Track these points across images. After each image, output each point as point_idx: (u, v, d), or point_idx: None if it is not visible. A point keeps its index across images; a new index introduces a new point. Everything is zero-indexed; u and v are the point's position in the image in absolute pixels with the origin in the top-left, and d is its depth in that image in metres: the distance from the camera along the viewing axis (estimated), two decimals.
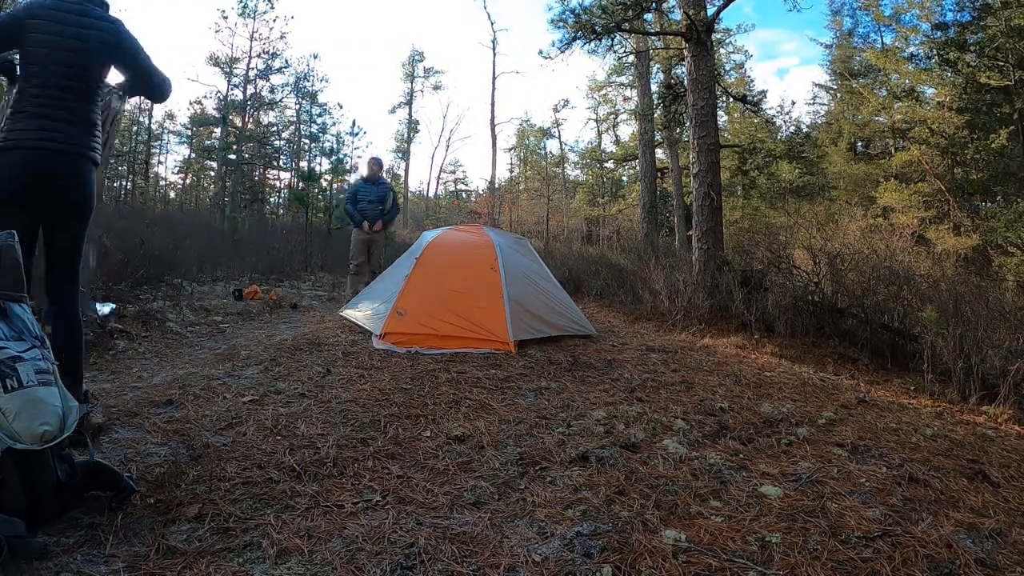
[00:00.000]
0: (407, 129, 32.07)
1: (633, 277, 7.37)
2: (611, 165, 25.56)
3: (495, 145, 25.30)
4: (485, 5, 51.37)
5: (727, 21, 16.81)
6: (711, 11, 6.29)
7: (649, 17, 10.88)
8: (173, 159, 33.62)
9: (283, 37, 21.35)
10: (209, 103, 21.50)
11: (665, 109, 9.38)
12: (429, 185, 35.54)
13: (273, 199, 24.86)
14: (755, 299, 5.18)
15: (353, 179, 17.71)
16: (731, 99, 12.66)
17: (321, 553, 1.49)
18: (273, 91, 22.07)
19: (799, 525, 1.71)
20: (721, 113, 16.92)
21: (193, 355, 3.79)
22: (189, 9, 46.07)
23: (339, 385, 3.07)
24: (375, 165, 6.53)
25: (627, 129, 24.79)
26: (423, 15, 57.90)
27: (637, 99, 14.37)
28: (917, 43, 14.00)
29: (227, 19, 21.24)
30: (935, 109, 12.53)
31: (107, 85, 2.35)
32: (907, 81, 13.69)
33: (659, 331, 5.40)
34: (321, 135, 23.70)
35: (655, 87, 13.14)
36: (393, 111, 32.51)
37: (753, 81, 21.80)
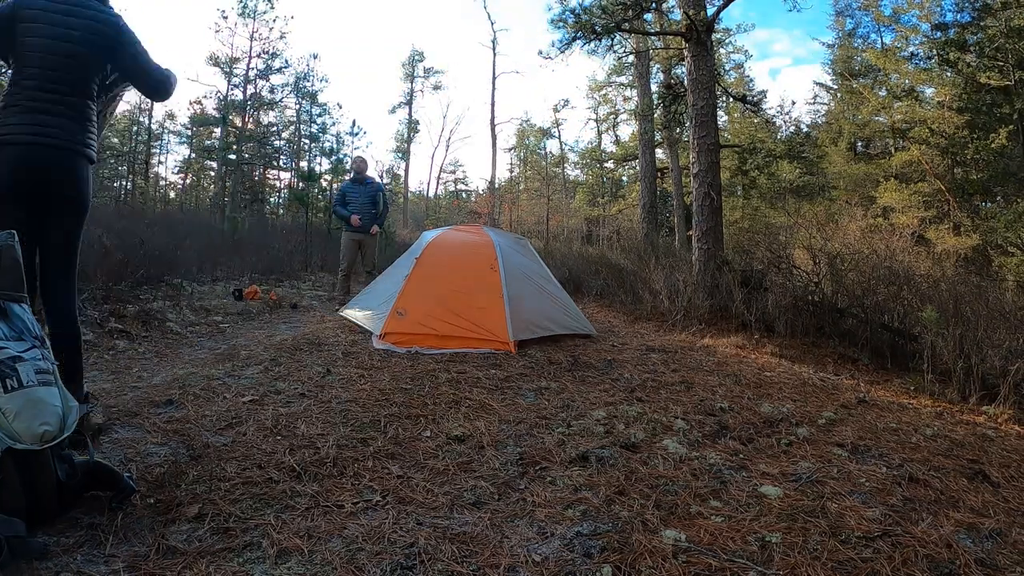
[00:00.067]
0: (407, 129, 32.11)
1: (633, 277, 7.37)
2: (611, 165, 25.57)
3: (495, 145, 25.38)
4: (485, 5, 51.62)
5: (727, 21, 16.84)
6: (711, 11, 6.30)
7: (649, 17, 10.88)
8: (173, 159, 33.68)
9: (283, 37, 21.42)
10: (209, 103, 21.52)
11: (665, 109, 9.38)
12: (429, 185, 35.60)
13: (273, 199, 24.84)
14: (755, 299, 5.18)
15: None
16: (731, 99, 12.66)
17: (321, 553, 1.49)
18: (273, 91, 22.08)
19: (799, 525, 1.71)
20: (721, 113, 16.94)
21: (193, 355, 3.79)
22: (189, 9, 46.10)
23: (339, 385, 3.07)
24: (360, 163, 6.52)
25: (627, 129, 24.84)
26: (423, 15, 58.07)
27: (637, 99, 14.37)
28: (917, 43, 14.03)
29: (227, 19, 21.27)
30: (935, 109, 12.54)
31: (112, 79, 2.31)
32: (907, 81, 13.70)
33: (659, 331, 5.40)
34: (321, 135, 23.71)
35: (655, 87, 13.14)
36: (393, 111, 32.59)
37: (753, 81, 21.85)
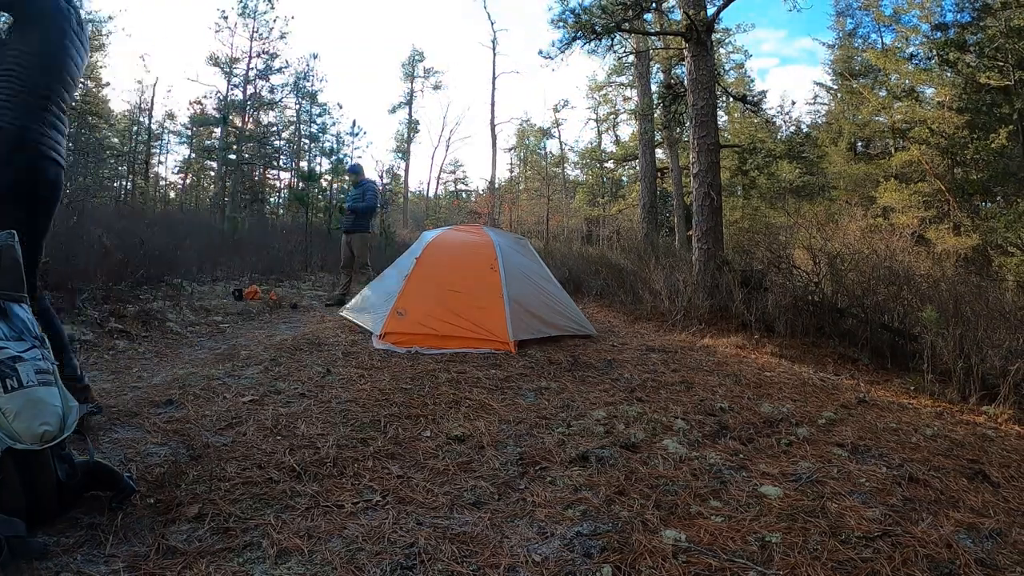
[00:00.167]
0: (407, 129, 32.12)
1: (633, 277, 7.37)
2: (611, 165, 25.57)
3: (495, 145, 25.39)
4: (485, 5, 51.70)
5: (727, 21, 16.83)
6: (711, 11, 6.30)
7: (649, 17, 10.88)
8: (173, 159, 33.67)
9: (283, 37, 21.40)
10: (209, 103, 21.50)
11: (665, 109, 9.37)
12: (429, 185, 35.60)
13: (273, 199, 24.85)
14: (755, 299, 5.18)
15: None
16: (731, 99, 12.66)
17: (321, 553, 1.49)
18: (273, 91, 22.12)
19: (799, 525, 1.71)
20: (721, 113, 16.94)
21: (193, 355, 3.79)
22: (189, 9, 46.11)
23: (339, 385, 3.08)
24: (351, 173, 7.20)
25: (627, 129, 24.85)
26: (423, 15, 58.09)
27: (637, 99, 14.36)
28: (917, 43, 14.03)
29: (227, 19, 21.19)
30: (935, 109, 12.54)
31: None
32: (907, 81, 13.71)
33: (659, 331, 5.40)
34: (321, 135, 23.75)
35: (655, 87, 13.14)
36: (393, 111, 32.60)
37: (753, 81, 21.82)
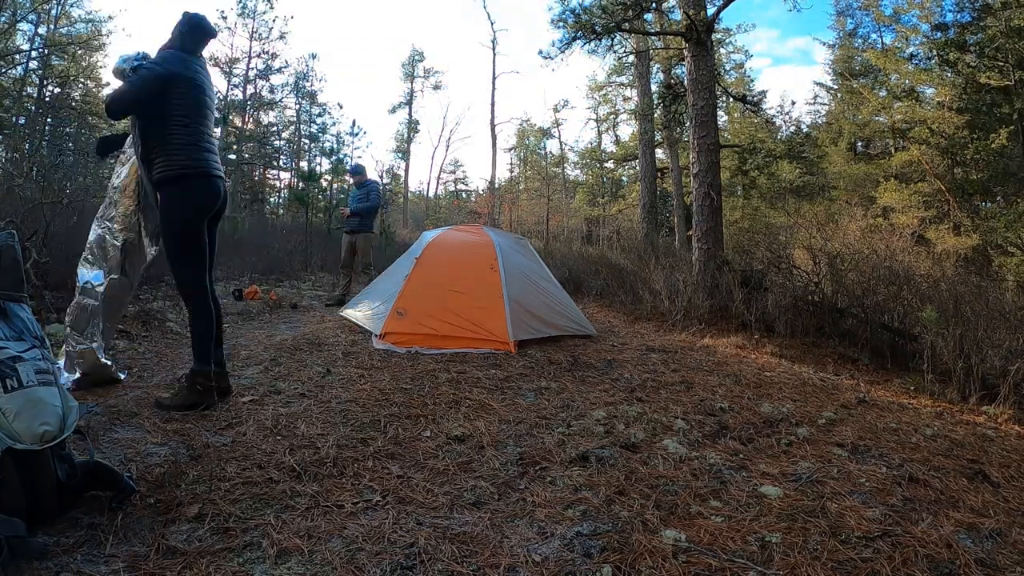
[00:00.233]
0: (407, 129, 32.11)
1: (633, 277, 7.37)
2: (611, 165, 25.56)
3: (495, 145, 25.36)
4: (485, 5, 51.68)
5: (727, 21, 16.83)
6: (711, 11, 6.30)
7: (649, 17, 10.88)
8: None
9: (283, 37, 21.41)
10: None
11: (665, 109, 9.38)
12: (429, 185, 35.57)
13: (273, 199, 24.84)
14: (755, 299, 5.18)
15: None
16: (731, 99, 12.66)
17: (321, 553, 1.49)
18: (273, 91, 22.13)
19: (799, 525, 1.71)
20: (721, 113, 16.94)
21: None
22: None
23: (339, 385, 3.08)
24: (353, 175, 7.15)
25: (627, 129, 24.84)
26: (423, 15, 58.05)
27: (637, 99, 14.36)
28: (917, 43, 14.04)
29: (227, 19, 21.17)
30: (935, 109, 12.54)
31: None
32: (907, 81, 13.71)
33: (659, 331, 5.40)
34: (321, 135, 23.75)
35: (655, 87, 13.13)
36: (393, 111, 32.57)
37: (753, 81, 21.82)
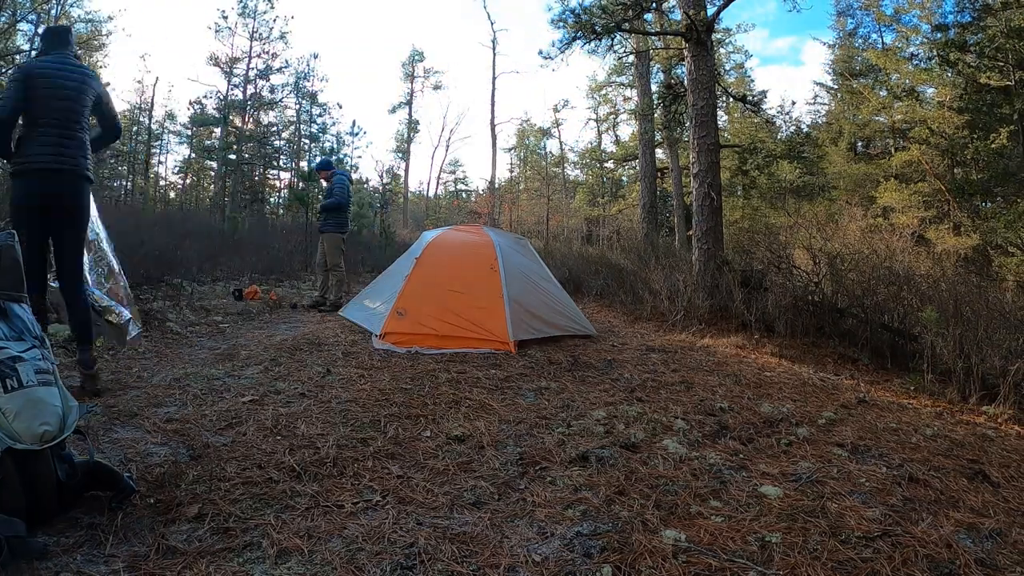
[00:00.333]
0: (407, 129, 32.08)
1: (633, 277, 7.37)
2: (611, 165, 25.52)
3: (495, 145, 25.36)
4: (485, 5, 51.68)
5: (727, 21, 16.80)
6: (711, 11, 6.30)
7: (649, 17, 10.88)
8: (173, 159, 33.50)
9: (283, 37, 21.40)
10: (209, 103, 21.48)
11: (665, 109, 9.38)
12: (429, 185, 35.56)
13: (273, 199, 24.85)
14: (755, 299, 5.18)
15: (353, 179, 17.67)
16: (731, 99, 12.66)
17: (321, 553, 1.49)
18: (273, 91, 22.10)
19: (799, 525, 1.71)
20: (721, 113, 16.95)
21: (193, 355, 3.79)
22: (189, 9, 46.14)
23: (339, 385, 3.08)
24: (320, 171, 6.61)
25: (627, 129, 24.80)
26: (423, 15, 58.00)
27: (637, 99, 14.35)
28: (918, 43, 14.03)
29: (227, 19, 21.17)
30: (935, 109, 12.52)
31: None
32: (907, 81, 13.69)
33: (659, 331, 5.40)
34: (321, 135, 23.74)
35: (655, 87, 13.13)
36: (393, 111, 32.54)
37: (753, 81, 21.80)
